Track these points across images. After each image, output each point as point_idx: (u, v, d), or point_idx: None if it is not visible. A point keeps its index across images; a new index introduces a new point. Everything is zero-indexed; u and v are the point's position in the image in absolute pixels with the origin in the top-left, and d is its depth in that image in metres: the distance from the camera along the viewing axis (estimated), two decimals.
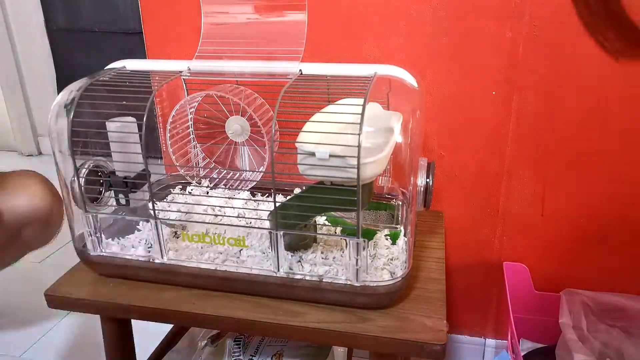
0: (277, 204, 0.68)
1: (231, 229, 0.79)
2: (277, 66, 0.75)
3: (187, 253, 0.77)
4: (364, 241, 0.66)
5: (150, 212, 0.72)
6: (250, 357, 0.95)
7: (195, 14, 0.96)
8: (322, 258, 0.75)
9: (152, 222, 0.72)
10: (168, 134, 0.88)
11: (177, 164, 0.92)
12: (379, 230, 0.82)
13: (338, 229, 0.80)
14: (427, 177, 0.73)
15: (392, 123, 0.70)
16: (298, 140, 0.64)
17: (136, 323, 0.85)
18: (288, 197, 0.72)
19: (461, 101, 0.96)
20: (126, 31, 1.05)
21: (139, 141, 0.68)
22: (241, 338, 0.99)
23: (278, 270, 0.70)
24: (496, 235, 1.06)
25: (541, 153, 0.97)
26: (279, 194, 0.79)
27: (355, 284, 0.68)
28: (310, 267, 0.72)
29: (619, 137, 0.93)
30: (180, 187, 0.98)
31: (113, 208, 0.79)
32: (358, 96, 0.67)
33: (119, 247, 0.80)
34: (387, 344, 0.66)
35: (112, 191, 0.77)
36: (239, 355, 0.95)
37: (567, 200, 0.99)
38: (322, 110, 0.71)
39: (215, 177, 0.95)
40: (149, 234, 0.82)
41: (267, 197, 0.93)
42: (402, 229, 0.81)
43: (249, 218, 0.83)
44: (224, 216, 0.84)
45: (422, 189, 0.73)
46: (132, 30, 1.03)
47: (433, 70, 0.95)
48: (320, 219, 0.81)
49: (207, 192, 0.95)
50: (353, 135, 0.59)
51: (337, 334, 0.67)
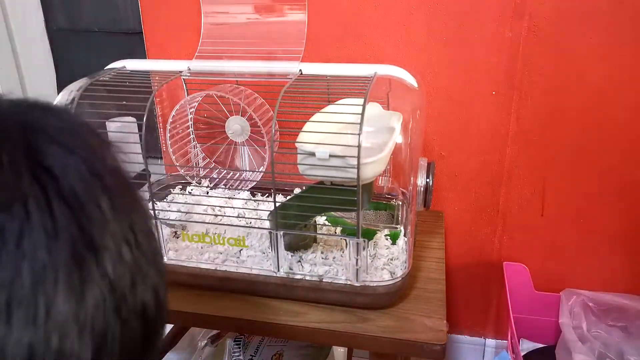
0: (277, 204, 0.68)
1: (231, 229, 0.79)
2: (277, 66, 0.75)
3: (187, 253, 0.77)
4: (364, 241, 0.66)
5: (150, 212, 0.72)
6: (250, 357, 0.95)
7: (195, 14, 0.96)
8: (322, 258, 0.75)
9: (152, 222, 0.72)
10: (168, 134, 0.88)
11: (177, 164, 0.92)
12: (379, 230, 0.82)
13: (338, 229, 0.80)
14: (427, 177, 0.73)
15: (392, 123, 0.70)
16: (298, 140, 0.64)
17: None
18: (288, 197, 0.72)
19: (461, 101, 0.96)
20: (126, 31, 1.04)
21: (139, 141, 0.68)
22: (241, 338, 0.99)
23: (278, 270, 0.70)
24: (496, 235, 1.06)
25: (541, 153, 0.97)
26: (279, 194, 0.79)
27: (355, 284, 0.68)
28: (310, 267, 0.72)
29: (619, 137, 0.93)
30: (180, 187, 0.98)
31: None
32: (358, 96, 0.67)
33: None
34: (387, 344, 0.66)
35: None
36: (239, 355, 0.95)
37: (567, 200, 0.99)
38: (322, 110, 0.71)
39: (215, 177, 0.95)
40: None
41: (267, 197, 0.93)
42: (402, 229, 0.81)
43: (249, 218, 0.83)
44: (224, 216, 0.84)
45: (422, 189, 0.73)
46: (132, 30, 1.03)
47: (433, 70, 0.95)
48: (320, 219, 0.81)
49: (207, 192, 0.95)
50: (353, 135, 0.59)
51: (337, 334, 0.67)
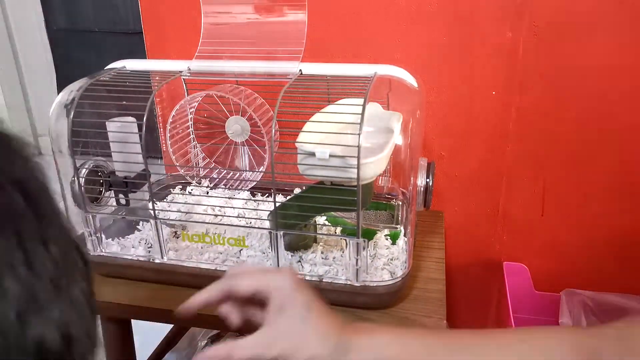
0: (277, 204, 0.68)
1: (231, 229, 0.79)
2: (277, 66, 0.75)
3: (187, 253, 0.77)
4: (364, 241, 0.66)
5: (150, 212, 0.72)
6: None
7: (195, 14, 0.96)
8: (322, 258, 0.75)
9: (152, 222, 0.72)
10: (168, 134, 0.88)
11: (177, 164, 0.92)
12: (379, 230, 0.82)
13: (338, 229, 0.80)
14: (427, 177, 0.73)
15: (392, 123, 0.70)
16: (298, 140, 0.64)
17: (136, 323, 0.85)
18: (288, 197, 0.72)
19: (461, 101, 0.96)
20: (126, 31, 1.05)
21: (139, 141, 0.68)
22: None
23: None
24: (496, 235, 1.06)
25: (541, 153, 0.97)
26: (279, 194, 0.79)
27: (355, 284, 0.68)
28: (310, 267, 0.72)
29: (619, 137, 0.92)
30: (180, 187, 0.98)
31: (113, 208, 0.79)
32: (358, 96, 0.67)
33: (119, 247, 0.80)
34: None
35: (112, 191, 0.77)
36: None
37: (567, 200, 0.99)
38: (322, 110, 0.70)
39: (215, 177, 0.95)
40: (149, 234, 0.82)
41: (267, 197, 0.93)
42: (402, 229, 0.81)
43: (249, 218, 0.83)
44: (224, 216, 0.84)
45: (422, 189, 0.73)
46: (132, 30, 1.03)
47: (433, 71, 0.95)
48: (320, 219, 0.81)
49: (207, 192, 0.95)
50: (353, 135, 0.59)
51: None
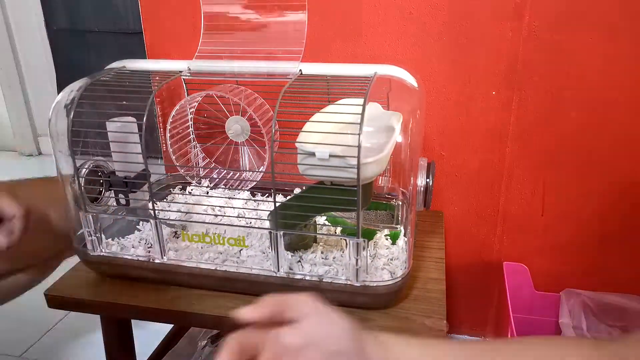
0: (277, 204, 0.68)
1: (231, 229, 0.79)
2: (277, 66, 0.75)
3: (187, 253, 0.77)
4: (364, 241, 0.66)
5: (150, 212, 0.72)
6: None
7: (195, 14, 0.96)
8: (322, 258, 0.75)
9: (152, 222, 0.72)
10: (168, 134, 0.88)
11: (177, 164, 0.92)
12: (379, 230, 0.82)
13: (338, 229, 0.80)
14: (427, 177, 0.73)
15: (392, 123, 0.70)
16: (298, 140, 0.64)
17: (136, 323, 0.85)
18: (288, 197, 0.72)
19: (461, 101, 0.96)
20: (126, 31, 1.05)
21: (139, 141, 0.67)
22: None
23: (278, 270, 0.70)
24: (496, 235, 1.06)
25: (541, 153, 0.97)
26: (279, 194, 0.79)
27: (355, 284, 0.68)
28: (310, 267, 0.72)
29: (619, 137, 0.93)
30: (180, 187, 0.98)
31: (113, 208, 0.79)
32: (358, 96, 0.67)
33: (119, 247, 0.80)
34: None
35: (112, 191, 0.77)
36: None
37: (567, 200, 0.99)
38: (322, 110, 0.70)
39: (215, 177, 0.95)
40: (149, 234, 0.82)
41: (267, 197, 0.93)
42: (402, 229, 0.81)
43: (249, 218, 0.83)
44: (224, 216, 0.84)
45: (422, 189, 0.73)
46: (132, 30, 1.03)
47: (433, 70, 0.95)
48: (320, 219, 0.81)
49: (207, 192, 0.95)
50: (353, 135, 0.59)
51: None
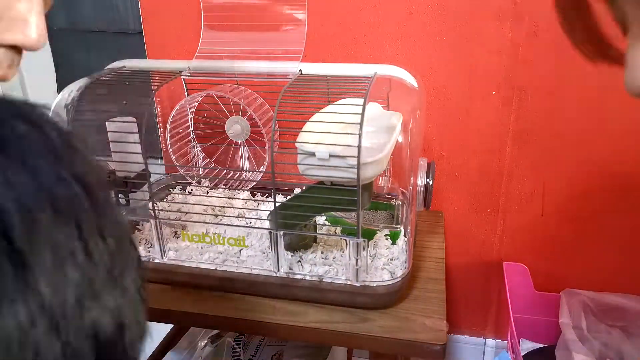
0: (277, 204, 0.68)
1: (231, 229, 0.79)
2: (277, 66, 0.75)
3: (187, 253, 0.77)
4: (364, 241, 0.66)
5: (150, 212, 0.72)
6: (250, 357, 0.95)
7: (195, 14, 0.96)
8: (322, 258, 0.75)
9: (152, 222, 0.72)
10: (168, 134, 0.88)
11: (177, 164, 0.92)
12: (379, 230, 0.82)
13: (338, 229, 0.80)
14: (427, 177, 0.73)
15: (392, 123, 0.70)
16: (298, 140, 0.64)
17: None
18: (288, 197, 0.72)
19: (461, 101, 0.96)
20: (126, 31, 1.05)
21: (139, 141, 0.67)
22: (241, 338, 0.99)
23: (278, 270, 0.70)
24: (496, 235, 1.06)
25: (541, 153, 0.97)
26: (279, 194, 0.79)
27: (355, 284, 0.68)
28: (310, 267, 0.72)
29: (619, 137, 0.92)
30: (180, 187, 0.98)
31: None
32: (358, 96, 0.67)
33: None
34: (387, 344, 0.66)
35: (112, 191, 0.77)
36: (238, 356, 0.95)
37: (567, 200, 0.99)
38: (322, 110, 0.70)
39: (215, 177, 0.95)
40: (149, 234, 0.82)
41: (267, 197, 0.93)
42: (402, 229, 0.81)
43: (249, 218, 0.83)
44: (224, 216, 0.84)
45: (422, 189, 0.73)
46: (132, 30, 1.03)
47: (433, 70, 0.95)
48: (320, 219, 0.81)
49: (207, 192, 0.95)
50: (353, 135, 0.59)
51: (337, 334, 0.67)
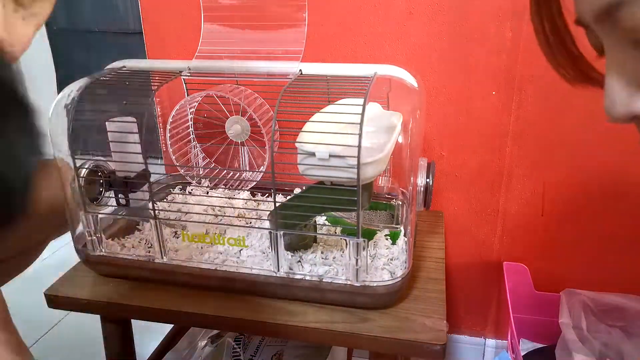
0: (277, 204, 0.68)
1: (231, 229, 0.79)
2: (277, 66, 0.75)
3: (187, 253, 0.77)
4: (364, 241, 0.66)
5: (150, 212, 0.72)
6: (250, 357, 0.95)
7: (195, 14, 0.96)
8: (322, 258, 0.75)
9: (152, 222, 0.72)
10: (168, 134, 0.88)
11: (177, 164, 0.92)
12: (379, 230, 0.82)
13: (338, 229, 0.80)
14: (427, 177, 0.73)
15: (392, 123, 0.70)
16: (298, 140, 0.64)
17: (136, 323, 0.85)
18: (288, 197, 0.72)
19: (461, 101, 0.96)
20: (126, 31, 1.05)
21: (139, 141, 0.68)
22: (241, 338, 0.99)
23: (278, 270, 0.70)
24: (496, 235, 1.06)
25: (541, 153, 0.97)
26: (279, 194, 0.79)
27: (355, 284, 0.68)
28: (310, 267, 0.72)
29: (619, 137, 0.92)
30: (180, 187, 0.98)
31: (113, 208, 0.79)
32: (358, 96, 0.67)
33: (119, 247, 0.80)
34: (387, 344, 0.66)
35: (112, 191, 0.77)
36: (238, 356, 0.95)
37: (567, 200, 0.99)
38: (322, 110, 0.70)
39: (215, 177, 0.95)
40: (149, 234, 0.82)
41: (267, 197, 0.93)
42: (402, 229, 0.81)
43: (249, 218, 0.83)
44: (224, 216, 0.84)
45: (422, 189, 0.73)
46: (132, 30, 1.03)
47: (433, 70, 0.95)
48: (320, 219, 0.81)
49: (207, 192, 0.95)
50: (353, 135, 0.59)
51: (337, 334, 0.67)
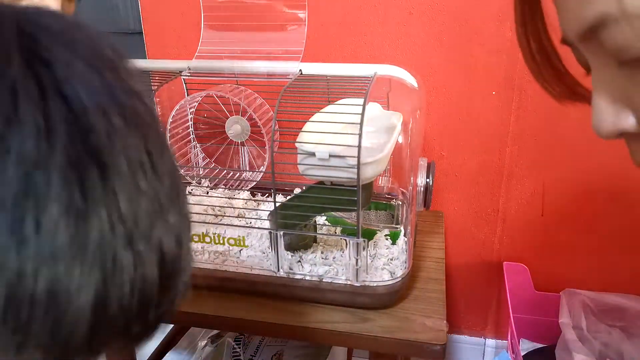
0: (277, 204, 0.68)
1: (231, 229, 0.79)
2: (277, 66, 0.75)
3: None
4: (364, 241, 0.66)
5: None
6: (250, 357, 0.95)
7: (195, 13, 0.96)
8: (322, 258, 0.75)
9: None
10: (168, 134, 0.88)
11: (177, 164, 0.92)
12: (379, 230, 0.82)
13: (338, 229, 0.80)
14: (427, 177, 0.73)
15: (392, 123, 0.70)
16: (298, 140, 0.64)
17: None
18: (288, 197, 0.72)
19: (461, 101, 0.96)
20: (126, 31, 1.05)
21: None
22: (241, 338, 0.99)
23: (278, 271, 0.70)
24: (496, 235, 1.06)
25: (541, 153, 0.97)
26: (279, 194, 0.79)
27: (355, 284, 0.68)
28: (310, 267, 0.72)
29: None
30: None
31: None
32: (358, 96, 0.67)
33: None
34: (387, 344, 0.66)
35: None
36: (238, 356, 0.95)
37: (567, 200, 0.99)
38: (322, 110, 0.70)
39: (215, 177, 0.95)
40: None
41: (267, 197, 0.93)
42: (402, 229, 0.81)
43: (249, 218, 0.83)
44: (224, 216, 0.84)
45: (422, 189, 0.73)
46: (132, 30, 1.03)
47: (433, 70, 0.95)
48: (320, 219, 0.81)
49: (207, 192, 0.95)
50: (353, 135, 0.59)
51: (337, 334, 0.67)
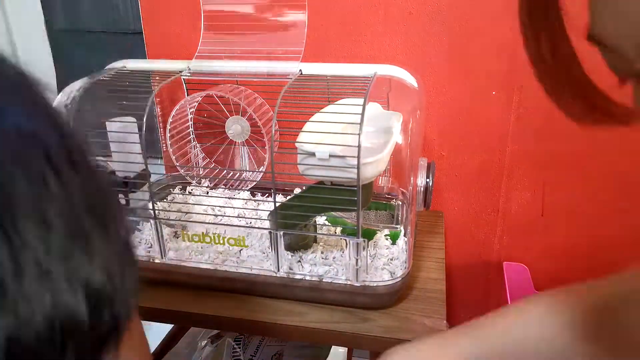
0: (277, 204, 0.68)
1: (231, 229, 0.79)
2: (277, 66, 0.75)
3: (187, 253, 0.77)
4: (364, 241, 0.66)
5: (150, 212, 0.71)
6: (250, 357, 0.95)
7: (195, 14, 0.96)
8: (322, 258, 0.75)
9: (152, 222, 0.72)
10: (168, 134, 0.88)
11: (177, 164, 0.92)
12: (379, 230, 0.82)
13: (338, 229, 0.80)
14: (427, 177, 0.73)
15: (392, 123, 0.70)
16: (298, 140, 0.64)
17: None
18: (288, 197, 0.72)
19: (461, 101, 0.96)
20: (126, 31, 1.05)
21: (138, 141, 0.68)
22: (241, 338, 0.99)
23: (278, 270, 0.70)
24: (496, 235, 1.06)
25: (541, 153, 0.97)
26: (279, 194, 0.79)
27: (355, 284, 0.68)
28: (310, 267, 0.72)
29: (619, 137, 0.92)
30: (180, 187, 0.98)
31: None
32: (358, 96, 0.67)
33: None
34: (387, 344, 0.66)
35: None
36: (238, 356, 0.95)
37: (567, 200, 0.99)
38: (322, 110, 0.70)
39: (215, 177, 0.95)
40: (149, 234, 0.82)
41: (267, 197, 0.93)
42: (402, 229, 0.81)
43: (249, 218, 0.83)
44: (224, 216, 0.84)
45: (422, 189, 0.73)
46: (132, 30, 1.03)
47: (433, 70, 0.95)
48: (320, 219, 0.81)
49: (207, 192, 0.95)
50: (353, 135, 0.59)
51: (337, 334, 0.67)
